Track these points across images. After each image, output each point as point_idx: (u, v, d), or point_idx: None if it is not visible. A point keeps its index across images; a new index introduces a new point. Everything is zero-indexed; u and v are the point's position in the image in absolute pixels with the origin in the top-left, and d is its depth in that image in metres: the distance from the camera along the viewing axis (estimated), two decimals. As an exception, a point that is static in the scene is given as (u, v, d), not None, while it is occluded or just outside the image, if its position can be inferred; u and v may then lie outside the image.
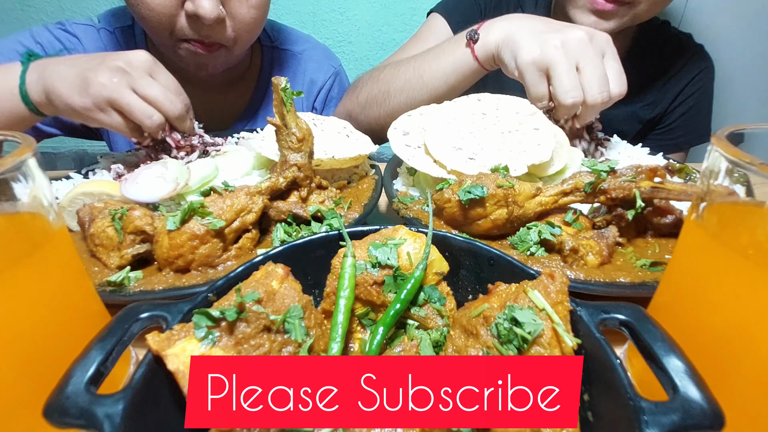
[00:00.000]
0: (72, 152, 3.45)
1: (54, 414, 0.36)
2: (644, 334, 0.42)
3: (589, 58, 0.93)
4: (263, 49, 1.58)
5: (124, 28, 1.41)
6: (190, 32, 1.15)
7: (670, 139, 1.67)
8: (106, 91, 0.91)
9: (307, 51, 1.64)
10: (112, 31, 1.39)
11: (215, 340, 0.42)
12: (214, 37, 1.18)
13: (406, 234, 0.56)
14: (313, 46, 1.67)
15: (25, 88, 0.97)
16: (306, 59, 1.63)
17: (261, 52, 1.58)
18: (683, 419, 0.35)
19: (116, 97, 0.91)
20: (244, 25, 1.21)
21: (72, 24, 1.36)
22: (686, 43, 1.64)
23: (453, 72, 1.15)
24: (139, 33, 1.42)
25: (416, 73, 1.21)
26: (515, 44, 0.99)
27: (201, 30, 1.15)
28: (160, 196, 0.82)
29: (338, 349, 0.48)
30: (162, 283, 0.68)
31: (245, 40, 1.27)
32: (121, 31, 1.40)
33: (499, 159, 0.86)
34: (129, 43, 1.41)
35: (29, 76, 0.97)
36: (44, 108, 0.99)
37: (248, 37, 1.27)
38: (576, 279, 0.67)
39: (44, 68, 0.97)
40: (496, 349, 0.42)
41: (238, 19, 1.19)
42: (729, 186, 0.45)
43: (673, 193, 0.72)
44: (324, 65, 1.65)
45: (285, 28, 1.66)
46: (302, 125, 0.80)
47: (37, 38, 1.30)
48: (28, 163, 0.45)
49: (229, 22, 1.18)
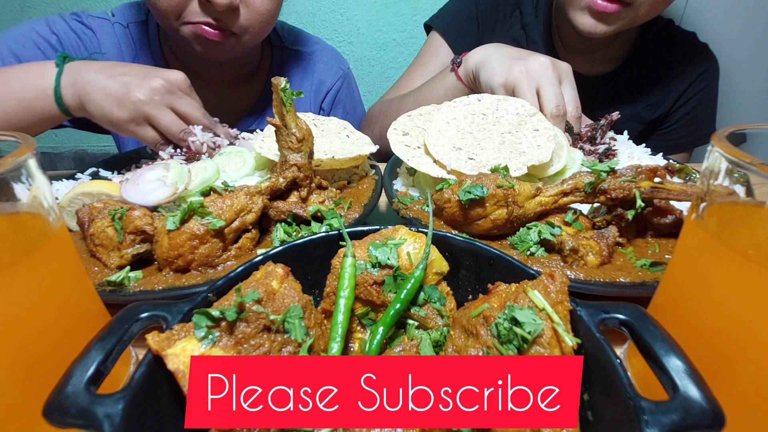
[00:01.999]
0: (72, 152, 3.45)
1: (54, 414, 0.36)
2: (644, 333, 0.42)
3: (547, 80, 1.09)
4: (273, 49, 1.59)
5: (139, 23, 1.41)
6: (201, 16, 1.16)
7: (673, 139, 1.66)
8: (146, 108, 0.98)
9: (316, 52, 1.65)
10: (126, 25, 1.40)
11: (215, 340, 0.42)
12: (225, 23, 1.18)
13: (406, 234, 0.56)
14: (322, 47, 1.68)
15: (60, 91, 1.00)
16: (315, 60, 1.63)
17: (271, 52, 1.59)
18: (683, 419, 0.35)
19: (155, 114, 0.99)
20: (258, 15, 1.21)
21: (88, 16, 1.37)
22: (690, 42, 1.62)
23: (444, 96, 1.31)
24: (152, 28, 1.42)
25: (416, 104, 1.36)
26: (489, 68, 1.18)
27: (212, 14, 1.15)
28: (159, 201, 0.83)
29: (338, 348, 0.48)
30: (162, 283, 0.68)
31: (257, 31, 1.26)
32: (136, 26, 1.41)
33: (499, 159, 0.86)
34: (142, 39, 1.41)
35: (64, 79, 1.00)
36: (75, 111, 1.03)
37: (260, 28, 1.26)
38: (576, 279, 0.67)
39: (80, 74, 0.99)
40: (496, 348, 0.42)
41: (252, 8, 1.19)
42: (729, 186, 0.45)
43: (673, 193, 0.72)
44: (333, 67, 1.66)
45: (295, 29, 1.68)
46: (302, 125, 0.80)
47: (53, 28, 1.30)
48: (28, 163, 0.45)
49: (243, 10, 1.18)
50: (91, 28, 1.36)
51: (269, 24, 1.29)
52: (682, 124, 1.64)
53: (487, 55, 1.21)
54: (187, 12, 1.15)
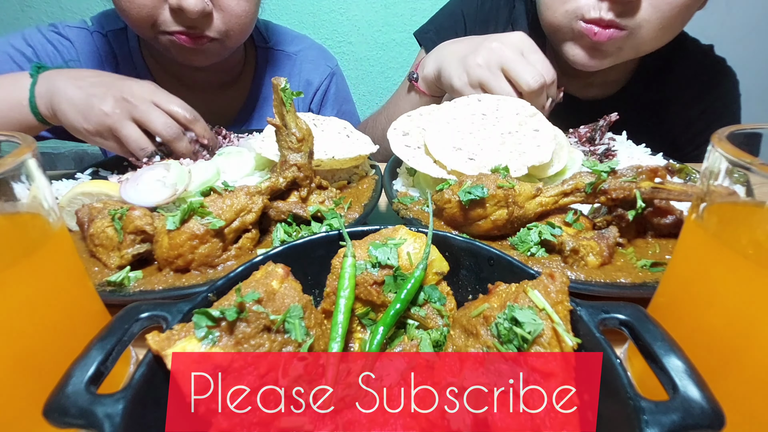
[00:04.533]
0: (72, 152, 3.45)
1: (54, 414, 0.36)
2: (644, 333, 0.42)
3: (509, 60, 1.01)
4: (258, 51, 1.56)
5: (117, 30, 1.39)
6: (174, 25, 1.13)
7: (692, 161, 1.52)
8: (109, 120, 0.97)
9: (302, 51, 1.62)
10: (105, 34, 1.38)
11: (215, 340, 0.42)
12: (201, 29, 1.15)
13: (406, 234, 0.56)
14: (308, 46, 1.65)
15: (35, 101, 1.00)
16: (301, 60, 1.61)
17: (255, 54, 1.56)
18: (683, 419, 0.35)
19: (117, 128, 0.97)
20: (235, 18, 1.18)
21: (65, 27, 1.35)
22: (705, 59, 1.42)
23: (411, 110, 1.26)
24: (132, 36, 1.40)
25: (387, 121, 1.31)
26: (447, 73, 1.11)
27: (186, 23, 1.12)
28: (158, 201, 0.83)
29: (338, 348, 0.48)
30: (162, 283, 0.68)
31: (238, 33, 1.23)
32: (114, 34, 1.39)
33: (499, 160, 0.86)
34: (122, 46, 1.39)
35: (38, 89, 1.00)
36: (51, 120, 1.03)
37: (240, 30, 1.23)
38: (576, 279, 0.67)
39: (51, 82, 0.99)
40: (496, 348, 0.42)
41: (227, 11, 1.16)
42: (729, 186, 0.45)
43: (674, 194, 0.72)
44: (320, 66, 1.63)
45: (280, 29, 1.65)
46: (302, 125, 0.80)
47: (29, 41, 1.28)
48: (27, 163, 0.45)
49: (218, 14, 1.15)
50: (69, 38, 1.34)
51: (249, 25, 1.26)
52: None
53: (439, 60, 1.14)
54: (161, 21, 1.12)
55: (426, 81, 1.22)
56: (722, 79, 1.44)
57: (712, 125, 1.42)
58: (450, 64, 1.11)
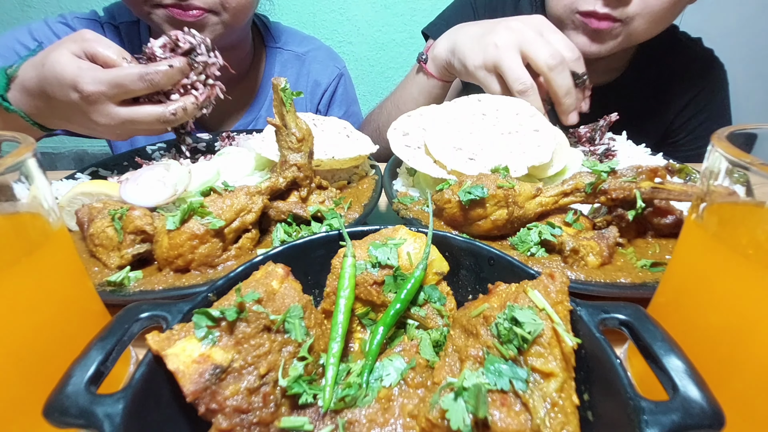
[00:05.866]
0: (72, 152, 3.46)
1: (54, 413, 0.36)
2: (644, 333, 0.42)
3: (528, 40, 1.00)
4: (267, 50, 1.57)
5: (130, 23, 1.37)
6: None
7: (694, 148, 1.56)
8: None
9: (311, 52, 1.63)
10: (117, 25, 1.36)
11: (215, 340, 0.42)
12: (194, 3, 1.13)
13: (406, 234, 0.56)
14: (317, 47, 1.66)
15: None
16: (310, 60, 1.61)
17: (265, 53, 1.57)
18: (683, 419, 0.35)
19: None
20: None
21: (74, 18, 1.33)
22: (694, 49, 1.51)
23: (419, 94, 1.27)
24: (144, 29, 1.39)
25: (394, 105, 1.33)
26: (461, 53, 1.09)
27: None
28: (158, 202, 0.83)
29: (338, 348, 0.48)
30: (162, 283, 0.68)
31: (235, 6, 1.20)
32: (127, 26, 1.37)
33: (499, 160, 0.86)
34: (134, 40, 1.38)
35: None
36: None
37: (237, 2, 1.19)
38: (576, 280, 0.67)
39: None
40: (496, 348, 0.42)
41: None
42: (729, 186, 0.45)
43: (674, 194, 0.72)
44: (328, 67, 1.64)
45: (289, 30, 1.65)
46: (302, 125, 0.80)
47: (35, 35, 1.27)
48: (27, 163, 0.45)
49: None
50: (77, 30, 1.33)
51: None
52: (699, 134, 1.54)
53: (453, 41, 1.13)
54: None
55: (436, 62, 1.20)
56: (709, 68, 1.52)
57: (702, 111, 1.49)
58: (465, 44, 1.09)
